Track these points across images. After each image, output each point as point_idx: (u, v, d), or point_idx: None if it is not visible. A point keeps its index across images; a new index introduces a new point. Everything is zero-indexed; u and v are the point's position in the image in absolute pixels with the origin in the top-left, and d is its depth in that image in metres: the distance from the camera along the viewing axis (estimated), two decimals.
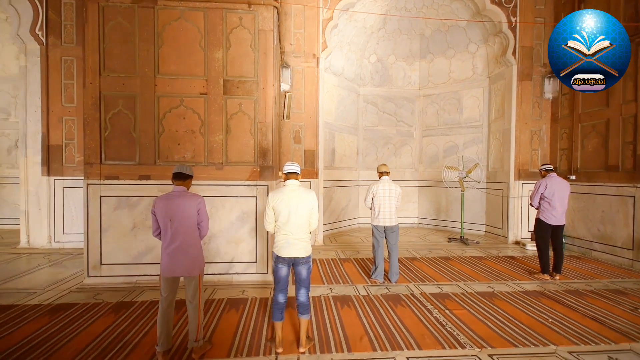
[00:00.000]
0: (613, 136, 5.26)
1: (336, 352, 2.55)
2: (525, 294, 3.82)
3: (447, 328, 2.95)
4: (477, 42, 7.19)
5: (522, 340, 2.73)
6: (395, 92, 8.19)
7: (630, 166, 4.98)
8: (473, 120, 7.47)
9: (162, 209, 2.39)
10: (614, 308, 3.42)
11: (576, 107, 5.97)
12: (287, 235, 2.54)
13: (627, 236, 4.99)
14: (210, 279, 4.03)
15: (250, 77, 4.06)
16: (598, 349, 2.63)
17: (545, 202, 4.37)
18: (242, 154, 4.07)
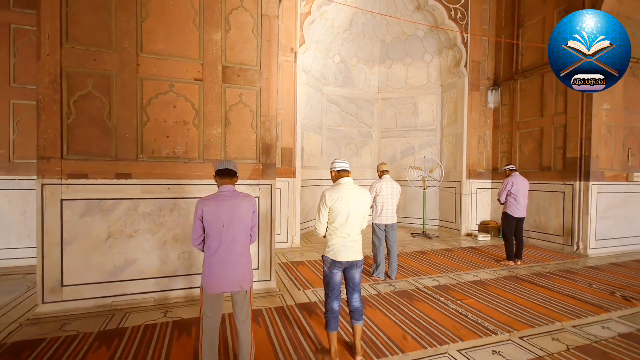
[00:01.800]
0: (546, 142, 6.32)
1: (391, 355, 2.48)
2: (506, 279, 4.31)
3: (470, 318, 3.13)
4: (432, 53, 7.86)
5: (534, 321, 3.07)
6: (357, 94, 8.41)
7: (560, 167, 6.06)
8: (427, 124, 8.14)
9: (214, 212, 1.99)
10: (576, 285, 4.11)
11: (515, 116, 7.00)
12: (343, 237, 2.37)
13: (558, 225, 6.06)
14: None
15: (252, 66, 3.67)
16: (592, 320, 3.12)
17: (511, 198, 5.01)
18: (242, 149, 3.66)
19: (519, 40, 6.85)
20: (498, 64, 7.39)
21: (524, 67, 6.81)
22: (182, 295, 3.44)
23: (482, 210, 7.46)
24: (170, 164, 3.38)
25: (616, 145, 5.91)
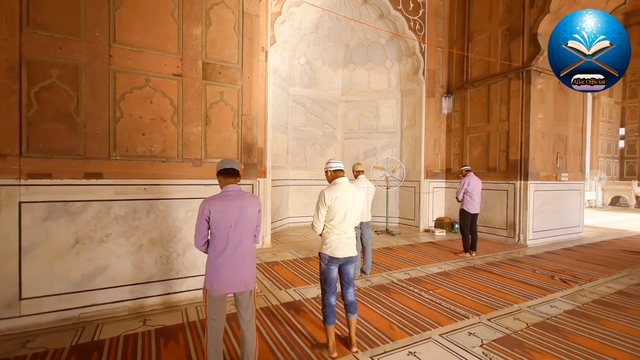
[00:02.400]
0: (492, 145, 7.08)
1: (382, 344, 2.64)
2: (466, 270, 4.77)
3: (443, 305, 3.43)
4: (393, 60, 8.32)
5: (496, 304, 3.47)
6: (322, 95, 8.58)
7: (504, 168, 6.83)
8: (388, 127, 8.59)
9: (221, 212, 1.95)
10: (522, 271, 4.69)
11: (465, 121, 7.72)
12: (340, 234, 2.47)
13: (503, 220, 6.82)
14: (186, 296, 3.38)
15: (233, 64, 3.60)
16: (542, 301, 3.61)
17: (467, 196, 5.54)
18: (223, 149, 3.57)
19: (469, 52, 7.57)
20: (451, 73, 8.08)
21: (473, 77, 7.55)
22: (160, 302, 3.26)
23: (437, 207, 8.09)
24: (147, 163, 3.18)
25: (548, 150, 6.83)
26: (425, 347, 2.60)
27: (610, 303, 3.56)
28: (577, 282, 4.25)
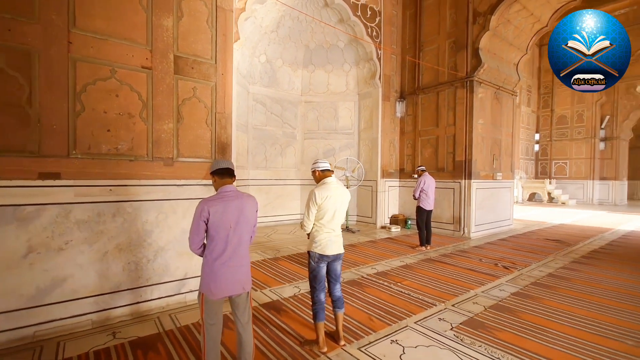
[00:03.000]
0: (441, 147, 7.75)
1: (366, 336, 2.79)
2: (424, 262, 5.19)
3: (412, 296, 3.72)
4: (351, 64, 8.62)
5: (456, 291, 3.86)
6: (282, 95, 8.55)
7: (451, 168, 7.52)
8: (347, 128, 8.89)
9: (221, 213, 1.90)
10: (471, 261, 5.25)
11: (417, 125, 8.33)
12: (329, 232, 2.56)
13: (450, 215, 7.52)
14: (157, 304, 3.18)
15: (207, 59, 3.46)
16: (492, 286, 4.09)
17: (423, 194, 6.00)
18: (197, 147, 3.42)
19: (420, 60, 8.17)
20: (404, 79, 8.64)
21: (423, 84, 8.17)
22: (128, 312, 3.02)
23: (392, 205, 8.60)
24: (112, 162, 2.92)
25: (486, 152, 7.69)
26: (404, 335, 2.81)
27: (544, 284, 4.18)
28: (516, 268, 4.89)
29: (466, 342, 2.69)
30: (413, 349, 2.58)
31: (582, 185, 16.38)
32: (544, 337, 2.79)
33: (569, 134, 16.62)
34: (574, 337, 2.79)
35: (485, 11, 6.95)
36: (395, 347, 2.60)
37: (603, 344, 2.69)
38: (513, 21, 7.25)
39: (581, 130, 16.19)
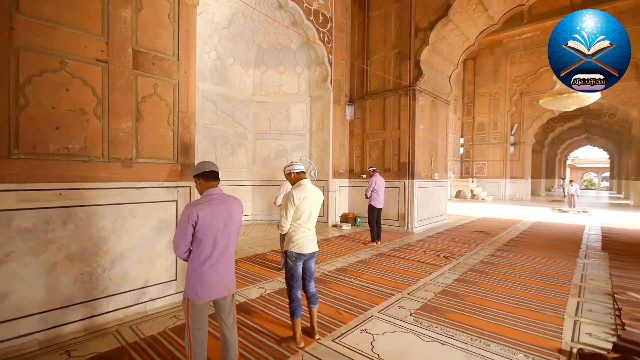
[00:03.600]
0: (387, 150, 8.34)
1: (337, 328, 2.97)
2: (377, 256, 5.58)
3: (372, 288, 4.01)
4: (303, 66, 8.78)
5: (409, 281, 4.27)
6: (233, 94, 8.34)
7: (396, 169, 8.15)
8: (298, 129, 9.02)
9: (210, 217, 1.89)
10: (417, 253, 5.80)
11: (365, 128, 8.83)
12: (306, 232, 2.68)
13: (396, 212, 8.14)
14: (114, 316, 2.95)
15: (168, 55, 3.30)
16: (437, 274, 4.60)
17: (374, 193, 6.43)
18: (158, 148, 3.24)
19: (368, 67, 8.68)
20: (353, 84, 9.08)
21: (371, 90, 8.70)
22: (81, 328, 2.75)
23: (343, 204, 8.98)
24: (62, 163, 2.64)
25: (426, 154, 8.50)
26: (371, 324, 3.06)
27: (478, 270, 4.84)
28: (455, 257, 5.55)
29: (424, 324, 3.04)
30: (381, 336, 2.83)
31: (497, 184, 18.88)
32: (483, 314, 3.27)
33: (487, 139, 19.01)
34: (505, 312, 3.32)
35: (426, 27, 7.68)
36: (365, 336, 2.82)
37: (528, 315, 3.25)
38: (448, 38, 8.13)
39: (496, 135, 18.64)
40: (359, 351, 2.57)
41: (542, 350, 2.61)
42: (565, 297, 3.75)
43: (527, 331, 2.92)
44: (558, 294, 3.86)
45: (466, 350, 2.60)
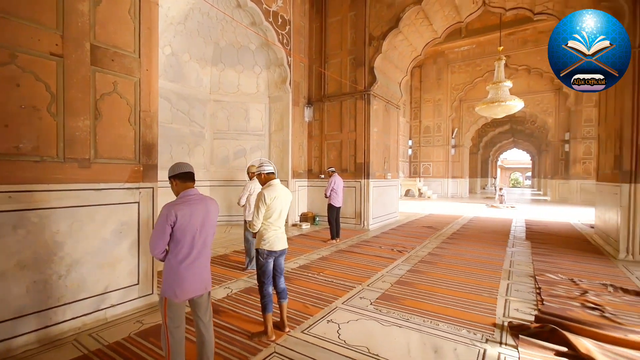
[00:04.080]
0: (344, 151, 8.71)
1: (305, 320, 3.15)
2: (337, 253, 5.86)
3: (334, 282, 4.26)
4: (262, 67, 8.79)
5: (368, 275, 4.60)
6: (189, 92, 8.06)
7: (353, 169, 8.55)
8: (257, 130, 9.01)
9: (189, 217, 1.94)
10: (373, 248, 6.20)
11: (324, 129, 9.11)
12: (276, 230, 2.81)
13: (353, 210, 8.54)
14: (72, 325, 2.80)
15: (129, 52, 3.20)
16: (393, 266, 4.99)
17: (333, 193, 6.71)
18: (118, 148, 3.12)
19: (325, 71, 8.97)
20: (311, 86, 9.31)
21: (329, 93, 9.00)
22: (35, 339, 2.58)
23: (302, 203, 9.16)
24: (12, 164, 2.46)
25: (380, 155, 9.03)
26: (337, 315, 3.28)
27: (427, 261, 5.35)
28: (407, 250, 6.04)
29: (383, 312, 3.34)
30: (346, 324, 3.07)
31: (440, 183, 20.50)
32: (433, 299, 3.69)
33: (432, 141, 20.54)
34: (451, 296, 3.77)
35: (379, 36, 8.17)
36: (331, 325, 3.04)
37: (468, 297, 3.74)
38: (398, 48, 8.74)
39: (440, 138, 20.24)
40: (327, 339, 2.78)
41: (481, 325, 3.05)
42: (497, 281, 4.35)
43: (469, 311, 3.37)
44: (492, 278, 4.46)
45: (420, 331, 2.94)
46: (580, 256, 5.71)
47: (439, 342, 2.74)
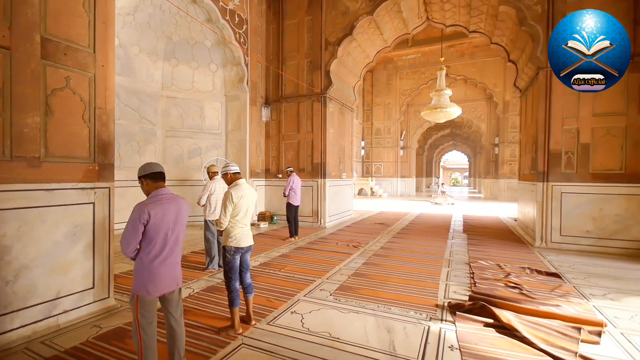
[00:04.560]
0: (302, 151, 8.93)
1: (270, 313, 3.31)
2: (297, 250, 6.07)
3: (296, 277, 4.46)
4: (218, 65, 8.64)
5: (326, 269, 4.88)
6: (139, 87, 7.65)
7: (310, 169, 8.81)
8: (214, 128, 8.84)
9: (162, 215, 2.01)
10: (330, 244, 6.51)
11: (281, 130, 9.24)
12: (243, 227, 2.94)
13: (310, 209, 8.80)
14: (21, 334, 2.64)
15: (83, 46, 3.07)
16: (350, 260, 5.33)
17: (292, 192, 6.90)
18: (71, 146, 2.99)
19: (283, 72, 9.10)
20: (269, 87, 9.37)
21: (286, 94, 9.15)
22: None
23: (260, 203, 9.19)
24: None
25: (335, 155, 9.41)
26: (300, 306, 3.49)
27: (380, 254, 5.79)
28: (362, 246, 6.45)
29: (342, 301, 3.63)
30: (308, 314, 3.29)
31: (391, 182, 21.72)
32: (385, 287, 4.07)
33: (383, 142, 21.67)
34: (401, 284, 4.20)
35: (334, 42, 8.53)
36: (295, 316, 3.24)
37: (416, 284, 4.19)
38: (352, 54, 9.19)
39: (390, 140, 21.43)
40: (292, 328, 2.97)
41: (426, 306, 3.48)
42: (439, 268, 4.90)
43: (416, 295, 3.80)
44: (435, 266, 5.01)
45: (375, 315, 3.27)
46: (505, 245, 6.61)
47: (392, 323, 3.09)
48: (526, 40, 6.84)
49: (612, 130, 5.96)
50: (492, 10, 7.37)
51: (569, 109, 6.19)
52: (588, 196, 6.06)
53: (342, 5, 8.38)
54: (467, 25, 8.49)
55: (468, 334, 2.85)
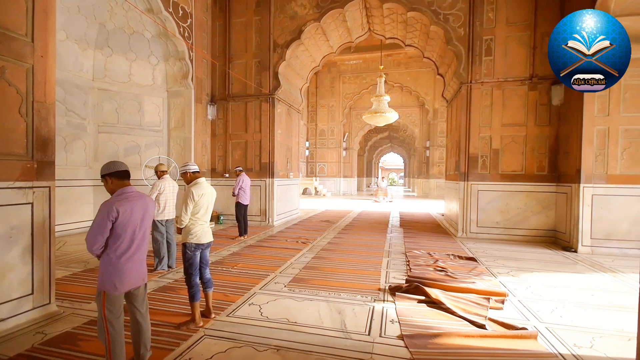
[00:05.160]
0: (249, 151, 8.96)
1: (229, 306, 3.44)
2: (247, 248, 6.16)
3: (250, 273, 4.60)
4: (159, 58, 8.22)
5: (279, 264, 5.10)
6: (66, 76, 6.93)
7: (258, 169, 8.88)
8: (154, 125, 8.38)
9: (130, 213, 2.05)
10: (280, 242, 6.73)
11: (228, 129, 9.14)
12: (203, 224, 3.03)
13: (258, 208, 8.87)
14: None
15: (20, 35, 2.85)
16: (299, 255, 5.62)
17: (241, 191, 6.94)
18: (6, 142, 2.76)
19: (230, 70, 9.01)
20: (215, 84, 9.19)
21: (233, 93, 9.08)
22: None
23: None
24: None
25: (283, 156, 9.60)
26: (257, 298, 3.67)
27: (328, 249, 6.19)
28: (310, 242, 6.79)
29: (296, 291, 3.90)
30: (266, 304, 3.50)
31: (334, 182, 22.58)
32: (334, 277, 4.45)
33: (327, 143, 22.42)
34: (348, 273, 4.62)
35: (283, 44, 8.73)
36: (253, 307, 3.42)
37: (361, 273, 4.65)
38: (300, 57, 9.49)
39: (333, 141, 22.27)
40: (251, 318, 3.16)
41: (370, 291, 3.93)
42: (380, 258, 5.47)
43: (361, 282, 4.25)
44: (377, 257, 5.57)
45: (327, 301, 3.61)
46: (435, 236, 7.53)
47: (342, 306, 3.46)
48: (452, 57, 7.86)
49: (516, 138, 7.21)
50: (424, 29, 8.29)
51: (484, 119, 7.32)
52: (498, 193, 7.24)
53: (291, 10, 8.62)
54: (403, 39, 9.38)
55: (405, 309, 3.35)
